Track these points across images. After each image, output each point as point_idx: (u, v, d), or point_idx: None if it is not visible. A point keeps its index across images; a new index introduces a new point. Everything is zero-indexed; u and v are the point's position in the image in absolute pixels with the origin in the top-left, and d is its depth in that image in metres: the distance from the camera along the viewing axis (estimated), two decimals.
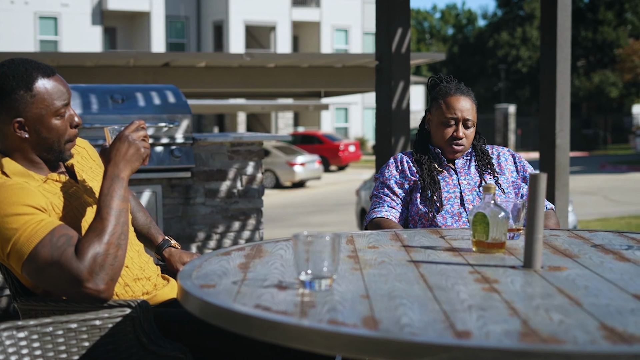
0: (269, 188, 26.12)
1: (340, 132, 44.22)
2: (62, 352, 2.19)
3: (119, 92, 5.82)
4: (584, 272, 2.18)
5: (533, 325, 1.63)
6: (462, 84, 3.64)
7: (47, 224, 2.32)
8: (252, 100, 30.55)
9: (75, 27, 37.24)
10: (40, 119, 2.46)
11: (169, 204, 5.81)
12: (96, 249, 2.28)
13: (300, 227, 15.79)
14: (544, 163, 6.31)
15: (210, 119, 40.66)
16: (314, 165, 27.26)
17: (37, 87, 2.45)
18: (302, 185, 27.16)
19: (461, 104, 3.53)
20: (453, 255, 2.45)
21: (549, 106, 6.18)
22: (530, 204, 2.19)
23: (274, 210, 18.94)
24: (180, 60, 13.71)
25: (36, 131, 2.47)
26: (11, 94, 2.43)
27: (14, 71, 2.44)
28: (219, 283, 2.05)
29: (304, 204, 20.83)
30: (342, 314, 1.73)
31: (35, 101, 2.44)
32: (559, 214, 6.23)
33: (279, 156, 26.58)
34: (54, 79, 2.50)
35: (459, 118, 3.51)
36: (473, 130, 3.55)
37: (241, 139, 5.96)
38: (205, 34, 40.97)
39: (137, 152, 2.48)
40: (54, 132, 2.49)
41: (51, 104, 2.47)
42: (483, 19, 71.47)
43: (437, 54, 17.66)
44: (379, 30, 5.99)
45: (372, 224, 3.43)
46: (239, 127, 38.90)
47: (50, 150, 2.52)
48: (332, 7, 43.13)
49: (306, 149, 31.83)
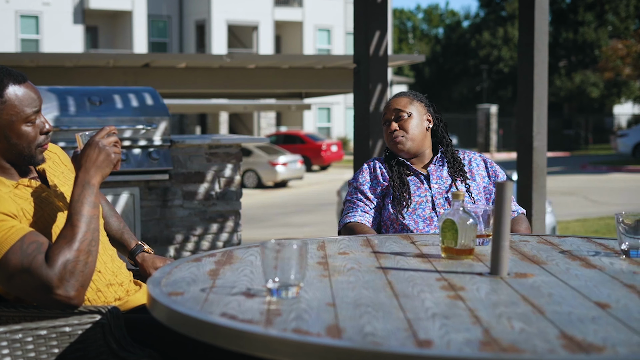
0: (251, 188, 26.11)
1: (323, 132, 44.24)
2: (32, 358, 2.20)
3: (97, 94, 5.82)
4: (549, 279, 2.20)
5: (494, 333, 1.66)
6: (408, 91, 3.75)
7: (17, 231, 2.32)
8: (234, 100, 30.51)
9: (56, 26, 37.10)
10: (10, 125, 2.47)
11: (147, 206, 5.81)
12: (66, 255, 2.29)
13: (282, 227, 15.80)
14: (522, 165, 6.34)
15: (192, 118, 40.58)
16: (296, 165, 27.26)
17: (8, 93, 2.45)
18: (284, 185, 27.16)
19: (393, 102, 3.64)
20: (422, 262, 2.47)
21: (526, 109, 6.21)
22: (496, 212, 2.21)
23: (256, 211, 18.94)
24: (160, 60, 13.69)
25: (6, 137, 2.48)
26: None
27: None
28: (188, 290, 2.07)
29: (285, 204, 20.83)
30: (307, 323, 1.75)
31: (5, 108, 2.45)
32: (536, 216, 6.27)
33: (261, 156, 26.57)
34: (25, 85, 2.50)
35: (390, 113, 3.61)
36: (411, 120, 3.59)
37: (219, 141, 5.97)
38: (187, 34, 40.90)
39: (107, 158, 2.48)
40: (24, 139, 2.50)
41: (21, 110, 2.47)
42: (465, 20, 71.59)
43: (417, 55, 17.71)
44: (357, 33, 6.01)
45: (346, 228, 3.45)
46: (221, 126, 38.85)
47: (20, 156, 2.53)
48: (315, 7, 43.16)
49: (288, 148, 31.82)
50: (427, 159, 3.63)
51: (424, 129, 3.61)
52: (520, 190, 6.36)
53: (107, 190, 5.60)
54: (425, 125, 3.63)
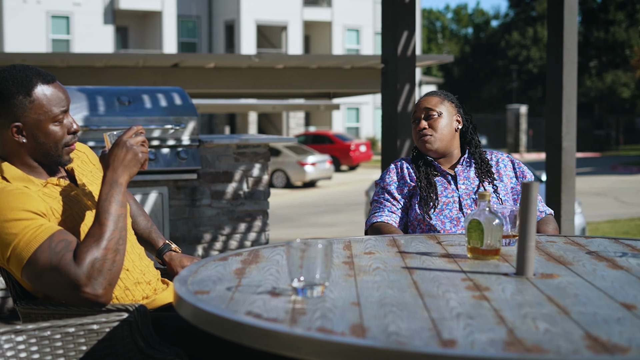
0: (280, 188, 26.16)
1: (352, 132, 44.21)
2: (60, 355, 2.22)
3: (126, 94, 5.86)
4: (575, 280, 2.19)
5: (519, 334, 1.65)
6: (439, 91, 3.73)
7: (46, 229, 2.35)
8: (263, 100, 30.59)
9: (87, 26, 37.35)
10: (37, 124, 2.49)
11: (175, 206, 5.85)
12: (94, 254, 2.32)
13: (310, 227, 15.82)
14: (550, 166, 6.32)
15: (222, 118, 40.72)
16: (325, 165, 27.28)
17: (36, 93, 2.48)
18: (313, 185, 27.19)
19: (424, 100, 3.63)
20: (448, 262, 2.47)
21: (555, 109, 6.19)
22: (522, 212, 2.21)
23: (284, 210, 18.98)
24: (189, 61, 13.75)
25: (33, 136, 2.51)
26: (10, 99, 2.46)
27: (14, 76, 2.48)
28: (213, 289, 2.08)
29: (314, 204, 20.85)
30: (332, 322, 1.76)
31: (33, 107, 2.48)
32: (565, 217, 6.24)
33: (290, 156, 26.60)
34: (54, 85, 2.53)
35: (420, 112, 3.60)
36: (440, 120, 3.57)
37: (247, 141, 6.00)
38: (216, 34, 41.04)
39: (134, 158, 2.50)
40: (51, 138, 2.52)
41: (49, 110, 2.50)
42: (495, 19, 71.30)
43: (445, 55, 17.66)
44: (385, 33, 6.01)
45: (372, 228, 3.45)
46: (250, 126, 38.94)
47: (48, 156, 2.55)
48: (344, 7, 43.13)
49: (317, 148, 31.85)
50: (455, 160, 3.62)
51: (453, 129, 3.60)
52: (549, 191, 6.33)
53: (136, 190, 5.64)
54: (455, 125, 3.61)
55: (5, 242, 2.35)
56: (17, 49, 33.70)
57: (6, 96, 2.46)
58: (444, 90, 3.75)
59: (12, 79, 2.48)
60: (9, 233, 2.34)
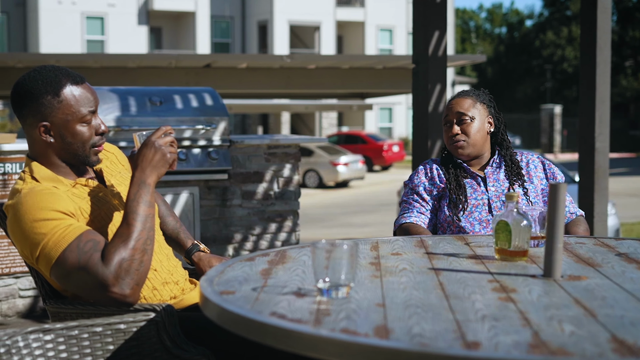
0: (312, 188, 26.17)
1: (385, 132, 44.14)
2: (87, 354, 2.24)
3: (157, 94, 5.89)
4: (603, 282, 2.17)
5: (544, 336, 1.64)
6: (472, 90, 3.66)
7: (74, 229, 2.37)
8: (296, 100, 30.60)
9: (121, 27, 37.58)
10: (65, 124, 2.52)
11: (206, 206, 5.87)
12: (122, 254, 2.33)
13: (342, 227, 15.81)
14: (583, 166, 6.27)
15: (255, 118, 40.82)
16: (358, 165, 27.25)
17: (65, 93, 2.50)
18: (346, 185, 27.17)
19: (456, 102, 3.56)
20: (475, 263, 2.46)
21: (588, 109, 6.14)
22: (550, 213, 2.19)
23: (317, 210, 18.98)
24: (221, 61, 13.79)
25: (61, 136, 2.53)
26: (39, 98, 2.49)
27: (44, 76, 2.51)
28: (239, 289, 2.09)
29: (346, 204, 20.83)
30: (356, 323, 1.76)
31: (61, 107, 2.50)
32: (597, 218, 6.19)
33: (323, 156, 26.61)
34: (83, 86, 2.55)
35: (452, 115, 3.54)
36: (473, 125, 3.51)
37: (278, 141, 6.00)
38: (249, 34, 41.14)
39: (163, 158, 2.51)
40: (79, 138, 2.54)
41: (77, 110, 2.52)
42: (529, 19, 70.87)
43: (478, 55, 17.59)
44: (416, 33, 6.00)
45: (401, 229, 3.44)
46: (283, 126, 39.01)
47: (75, 156, 2.57)
48: (377, 7, 43.07)
49: (350, 149, 31.83)
50: (485, 161, 3.58)
51: (485, 132, 3.55)
52: (581, 192, 6.29)
53: (167, 190, 5.67)
54: (487, 128, 3.56)
55: (34, 241, 2.37)
56: (53, 49, 33.98)
57: (35, 96, 2.49)
58: (475, 89, 3.68)
59: (41, 78, 2.50)
60: (38, 233, 2.37)
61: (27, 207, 2.41)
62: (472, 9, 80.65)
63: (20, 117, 2.55)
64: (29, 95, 2.50)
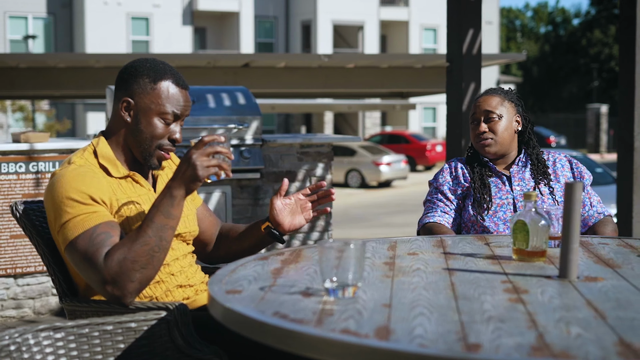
0: (355, 187, 26.12)
1: (428, 132, 43.95)
2: (98, 352, 2.23)
3: (191, 93, 5.88)
4: (620, 284, 2.12)
5: (548, 339, 1.60)
6: (499, 88, 3.59)
7: (96, 217, 2.41)
8: (339, 100, 30.59)
9: (166, 27, 37.82)
10: (146, 110, 2.55)
11: (239, 205, 5.87)
12: (124, 254, 2.34)
13: (383, 227, 15.75)
14: (622, 166, 6.18)
15: (298, 118, 40.88)
16: (400, 165, 27.14)
17: (162, 84, 2.56)
18: (388, 185, 27.08)
19: (484, 100, 3.50)
20: (491, 264, 2.41)
21: (627, 108, 6.05)
22: (565, 213, 2.14)
23: (358, 210, 18.94)
24: (260, 61, 13.82)
25: (136, 120, 2.57)
26: (137, 77, 2.56)
27: (152, 63, 2.59)
28: (247, 289, 2.07)
29: (388, 204, 20.76)
30: (358, 323, 1.73)
31: (152, 93, 2.55)
32: (636, 219, 6.09)
33: (365, 156, 26.54)
34: (181, 90, 2.59)
35: (480, 113, 3.47)
36: (500, 123, 3.45)
37: (310, 141, 5.99)
38: (293, 34, 41.19)
39: (194, 173, 2.38)
40: (150, 130, 2.56)
41: (163, 104, 2.55)
42: (576, 18, 70.15)
43: (517, 54, 17.49)
44: (450, 32, 5.96)
45: (425, 229, 3.40)
46: (326, 126, 39.01)
47: (139, 146, 2.59)
48: (421, 6, 42.89)
49: (393, 148, 31.71)
50: (511, 160, 3.53)
51: (512, 131, 3.49)
52: (620, 192, 6.19)
53: (199, 189, 5.67)
54: (515, 127, 3.51)
55: (60, 216, 2.42)
56: (98, 50, 34.28)
57: (135, 74, 2.57)
58: (503, 88, 3.63)
59: (149, 64, 2.60)
60: (65, 210, 2.41)
61: (65, 182, 2.44)
62: (518, 7, 79.94)
63: (115, 90, 2.63)
64: (132, 71, 2.58)
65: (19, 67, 12.74)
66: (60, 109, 37.46)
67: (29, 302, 5.55)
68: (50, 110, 35.61)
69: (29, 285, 5.51)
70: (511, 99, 3.52)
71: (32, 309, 5.57)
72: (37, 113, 34.13)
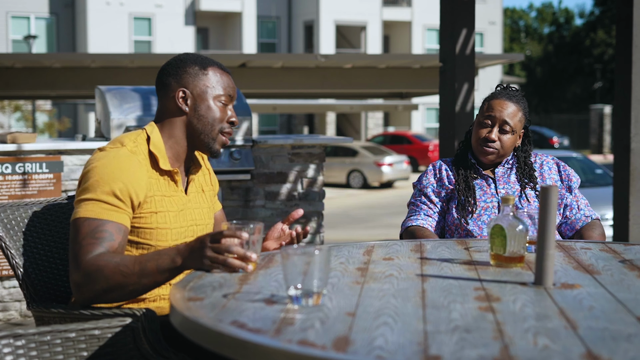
0: (357, 188, 26.06)
1: (431, 133, 43.81)
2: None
3: None
4: (596, 291, 2.05)
5: (513, 350, 1.53)
6: (515, 92, 3.45)
7: (114, 213, 2.40)
8: (341, 100, 30.51)
9: (168, 27, 37.77)
10: (202, 95, 2.58)
11: (229, 206, 5.80)
12: (105, 272, 2.30)
13: (384, 228, 15.68)
14: (618, 168, 6.11)
15: (300, 118, 40.80)
16: (402, 165, 27.05)
17: (210, 70, 2.61)
18: (390, 186, 26.99)
19: (503, 105, 3.33)
20: (467, 270, 2.34)
21: (623, 109, 5.99)
22: (541, 219, 2.08)
23: (360, 211, 18.88)
24: (256, 61, 13.75)
25: (195, 107, 2.58)
26: (186, 66, 2.60)
27: (193, 55, 2.65)
28: (210, 295, 2.00)
29: (390, 205, 20.68)
30: (317, 333, 1.66)
31: (204, 78, 2.59)
32: (633, 221, 6.02)
33: (367, 156, 26.46)
34: (227, 75, 2.66)
35: (497, 118, 3.32)
36: (510, 137, 3.34)
37: (302, 142, 5.92)
38: (296, 34, 41.11)
39: (199, 261, 2.25)
40: (211, 113, 2.59)
41: (216, 86, 2.60)
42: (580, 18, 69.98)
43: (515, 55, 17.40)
44: (443, 31, 5.89)
45: (407, 232, 3.33)
46: (329, 127, 38.93)
47: (202, 134, 2.59)
48: (424, 6, 42.74)
49: (395, 149, 31.61)
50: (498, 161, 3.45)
51: (514, 144, 3.40)
52: (616, 194, 6.13)
53: None
54: (517, 142, 3.41)
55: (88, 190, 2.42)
56: (101, 50, 34.25)
57: (183, 64, 2.61)
58: (518, 93, 3.43)
59: (194, 55, 2.65)
60: (91, 189, 2.41)
61: (103, 164, 2.44)
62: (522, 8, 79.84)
63: (161, 87, 2.62)
64: (178, 64, 2.61)
65: (15, 67, 12.69)
66: (62, 109, 37.44)
67: (16, 305, 5.50)
68: (52, 110, 35.60)
69: (15, 287, 5.45)
70: (525, 114, 3.40)
71: (18, 311, 5.51)
72: (38, 113, 34.07)
